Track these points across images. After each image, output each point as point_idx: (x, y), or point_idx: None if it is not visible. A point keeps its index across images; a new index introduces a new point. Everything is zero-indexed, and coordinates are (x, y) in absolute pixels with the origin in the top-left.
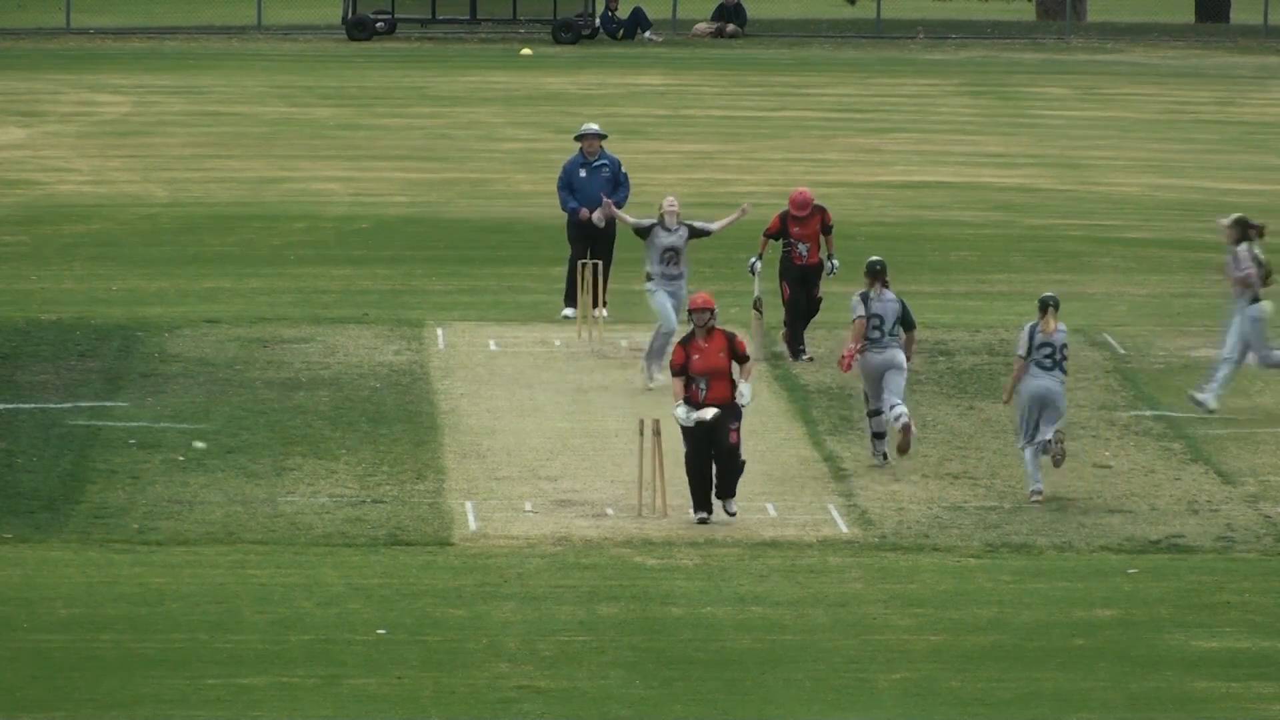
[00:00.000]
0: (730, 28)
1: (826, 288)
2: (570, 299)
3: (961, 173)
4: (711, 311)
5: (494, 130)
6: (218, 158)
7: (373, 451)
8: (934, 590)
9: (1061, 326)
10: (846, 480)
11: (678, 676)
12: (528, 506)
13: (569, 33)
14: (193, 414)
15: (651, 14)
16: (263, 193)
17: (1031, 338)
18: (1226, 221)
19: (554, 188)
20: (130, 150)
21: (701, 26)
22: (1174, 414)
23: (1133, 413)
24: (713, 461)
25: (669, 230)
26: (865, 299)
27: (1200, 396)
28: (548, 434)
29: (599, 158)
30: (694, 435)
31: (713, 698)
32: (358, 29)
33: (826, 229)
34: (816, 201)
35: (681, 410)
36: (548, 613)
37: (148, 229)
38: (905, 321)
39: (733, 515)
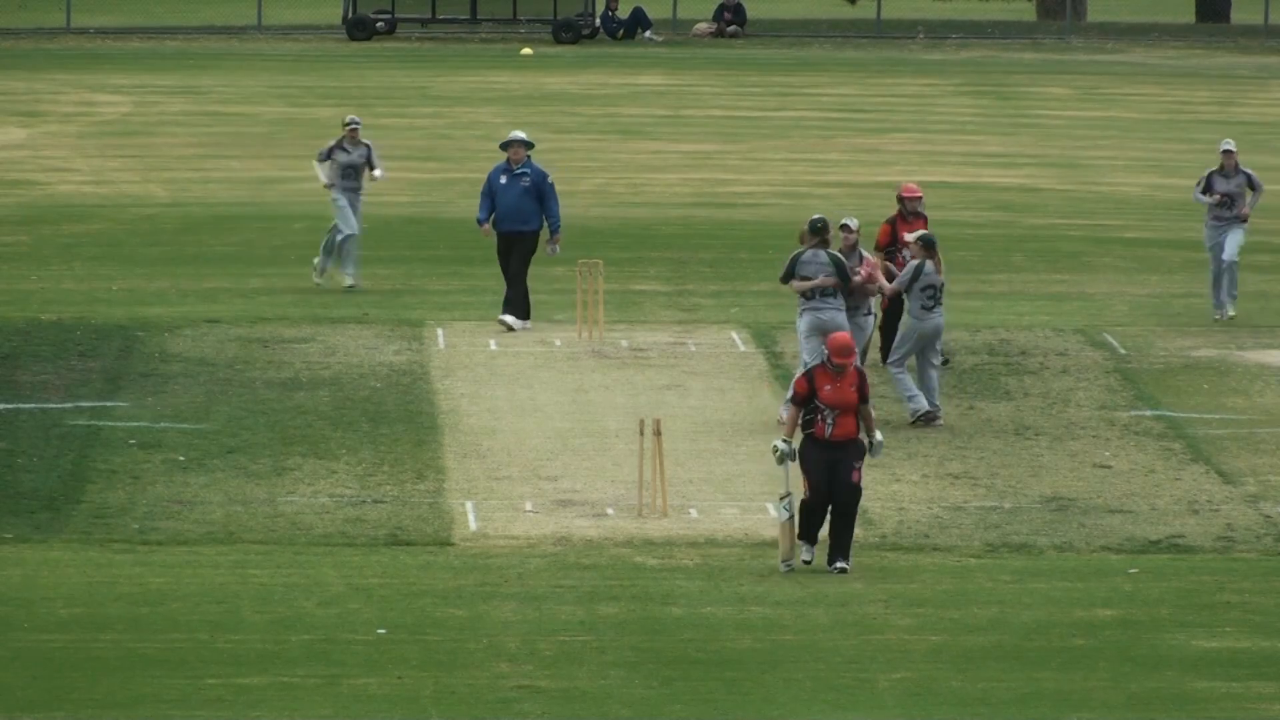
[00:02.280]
0: (730, 27)
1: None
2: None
3: (962, 173)
4: (854, 360)
5: (494, 130)
6: (218, 158)
7: (373, 451)
8: (934, 590)
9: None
10: None
11: (678, 676)
12: (528, 506)
13: (569, 32)
14: (193, 414)
15: (652, 14)
16: (263, 193)
17: (917, 276)
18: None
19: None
20: (130, 150)
21: (701, 26)
22: (1174, 414)
23: (1133, 413)
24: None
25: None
26: (796, 260)
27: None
28: (548, 434)
29: (521, 166)
30: (817, 472)
31: (713, 698)
32: (358, 29)
33: None
34: (921, 209)
35: (785, 447)
36: (548, 613)
37: (148, 229)
38: (842, 279)
39: (844, 570)
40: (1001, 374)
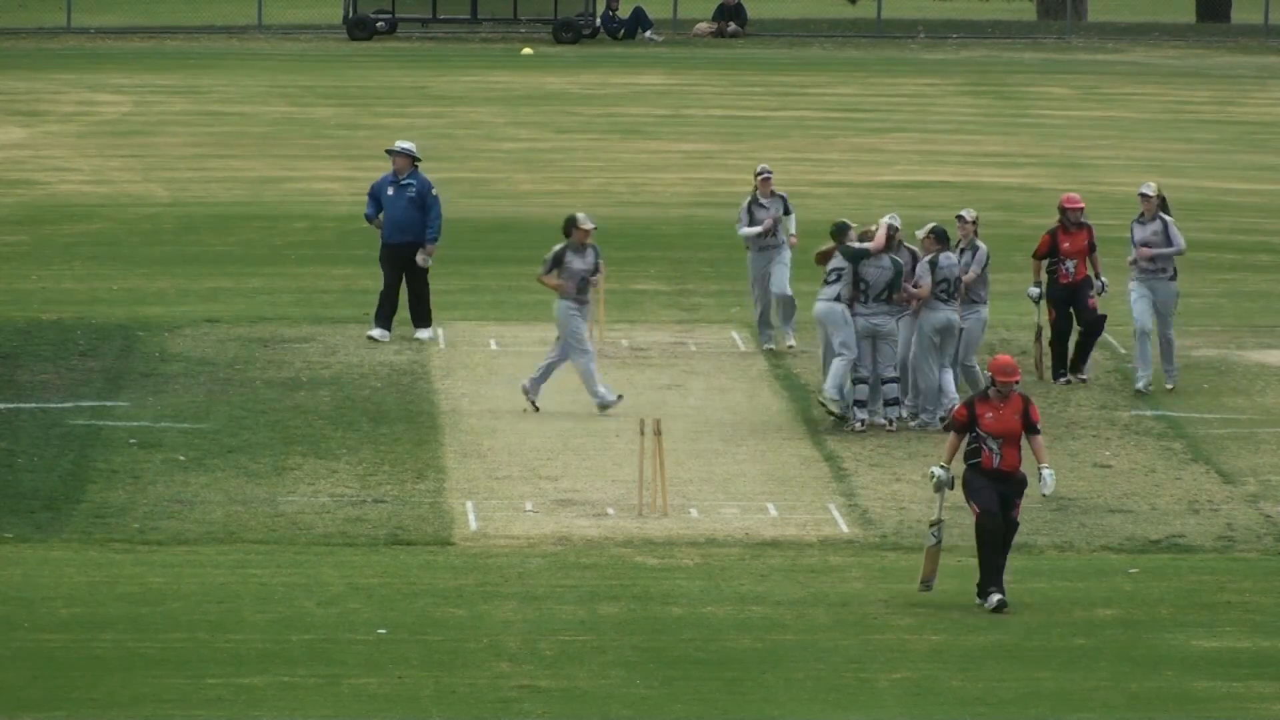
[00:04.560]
0: (731, 27)
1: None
2: (381, 319)
3: (962, 172)
4: (1018, 379)
5: (495, 130)
6: (218, 157)
7: (373, 451)
8: (935, 590)
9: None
10: (847, 480)
11: (678, 676)
12: (528, 506)
13: (570, 32)
14: (193, 414)
15: (652, 13)
16: (263, 192)
17: (933, 269)
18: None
19: (554, 187)
20: (131, 150)
21: (702, 26)
22: (1174, 414)
23: (1133, 412)
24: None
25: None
26: (859, 261)
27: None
28: (548, 434)
29: (407, 177)
30: (987, 495)
31: (713, 697)
32: (358, 28)
33: (1092, 247)
34: (1083, 219)
35: (942, 473)
36: (548, 612)
37: (148, 229)
38: (894, 285)
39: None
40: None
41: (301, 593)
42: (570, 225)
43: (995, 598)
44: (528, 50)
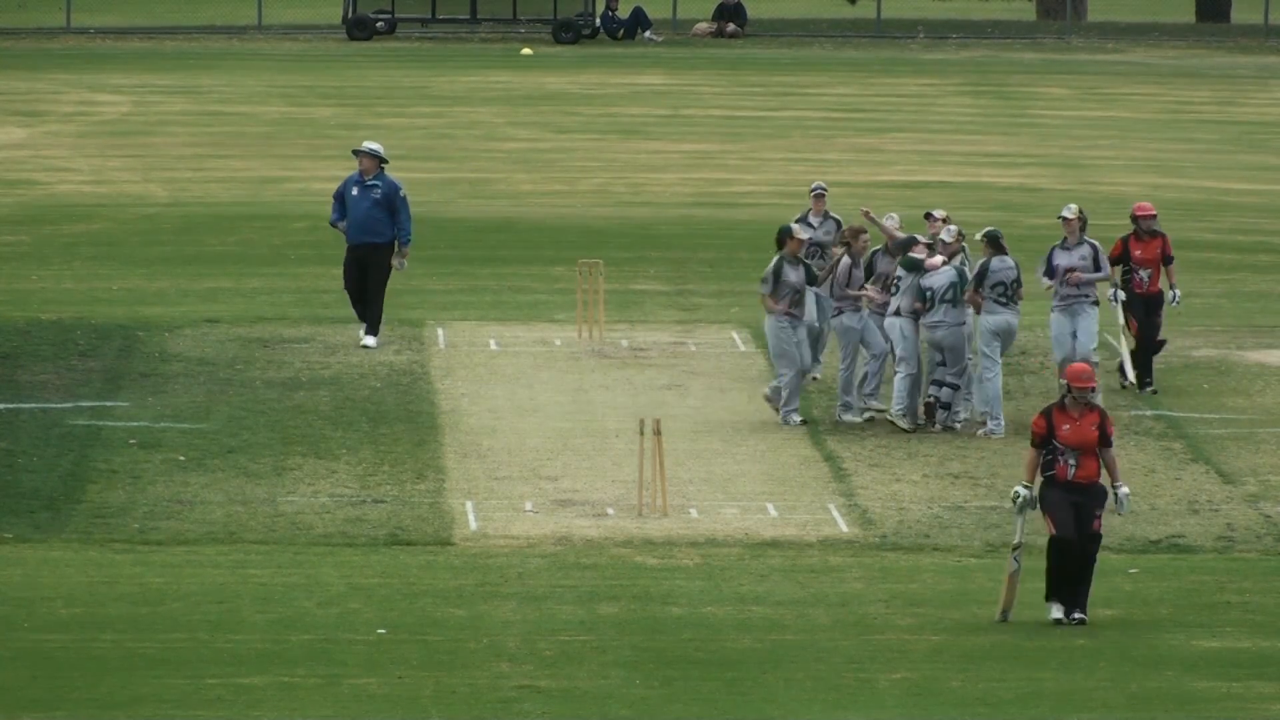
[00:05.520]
0: (730, 27)
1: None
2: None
3: (962, 172)
4: (1094, 386)
5: (494, 130)
6: (218, 157)
7: (373, 451)
8: (934, 590)
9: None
10: (847, 480)
11: (678, 676)
12: (528, 506)
13: (569, 32)
14: (193, 414)
15: (652, 14)
16: (263, 192)
17: (983, 274)
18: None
19: (553, 187)
20: (130, 150)
21: (702, 26)
22: (1174, 414)
23: (1133, 413)
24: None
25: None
26: (917, 269)
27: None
28: (548, 434)
29: (373, 179)
30: (1062, 510)
31: (713, 698)
32: (358, 28)
33: (1168, 259)
34: (1156, 227)
35: (1026, 493)
36: (548, 612)
37: (148, 229)
38: (960, 286)
39: (1082, 621)
40: (1001, 373)
41: (301, 593)
42: (786, 236)
43: (1059, 611)
44: (527, 50)
